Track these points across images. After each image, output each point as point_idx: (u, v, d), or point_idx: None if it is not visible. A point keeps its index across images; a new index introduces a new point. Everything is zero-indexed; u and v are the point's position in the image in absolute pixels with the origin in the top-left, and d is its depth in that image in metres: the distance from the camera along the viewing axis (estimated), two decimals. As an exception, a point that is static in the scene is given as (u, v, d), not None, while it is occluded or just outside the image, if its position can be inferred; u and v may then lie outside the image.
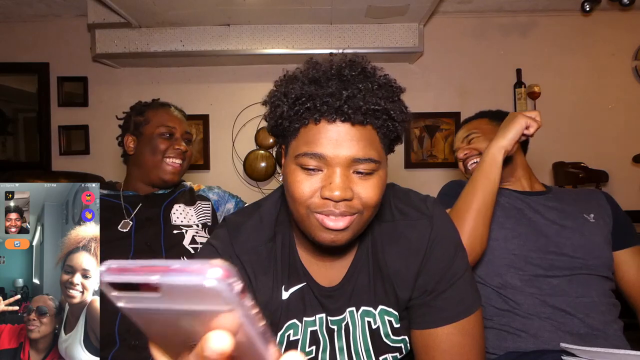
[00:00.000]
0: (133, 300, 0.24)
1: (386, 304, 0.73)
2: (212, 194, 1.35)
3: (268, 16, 2.21)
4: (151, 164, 1.24)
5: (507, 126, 1.06)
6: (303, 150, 0.61)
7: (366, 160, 0.60)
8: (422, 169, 2.60)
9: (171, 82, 2.58)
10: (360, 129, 0.61)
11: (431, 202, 0.75)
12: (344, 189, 0.59)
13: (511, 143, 1.03)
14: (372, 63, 0.67)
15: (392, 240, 0.72)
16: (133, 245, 1.14)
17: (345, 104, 0.58)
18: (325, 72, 0.62)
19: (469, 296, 0.71)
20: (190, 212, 1.26)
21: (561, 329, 1.00)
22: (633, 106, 2.54)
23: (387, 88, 0.64)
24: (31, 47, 2.56)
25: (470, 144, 1.27)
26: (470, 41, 2.59)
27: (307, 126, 0.62)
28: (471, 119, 1.35)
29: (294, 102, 0.61)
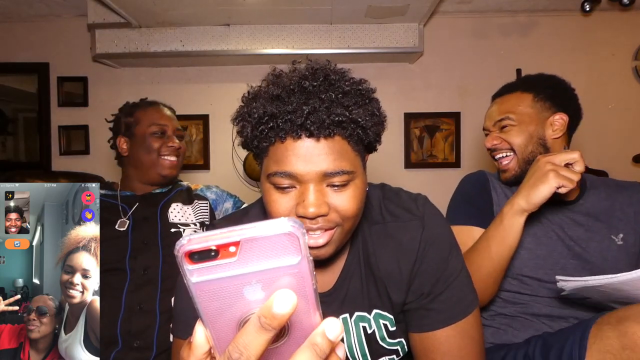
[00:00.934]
0: (208, 271, 0.26)
1: (380, 308, 0.72)
2: (209, 192, 1.35)
3: (268, 16, 2.21)
4: (148, 163, 1.25)
5: (533, 183, 0.88)
6: (273, 170, 0.60)
7: (337, 172, 0.59)
8: (422, 169, 2.60)
9: (171, 82, 2.58)
10: (328, 141, 0.59)
11: (422, 202, 0.74)
12: (317, 205, 0.58)
13: (536, 206, 0.88)
14: (338, 66, 0.64)
15: (383, 242, 0.71)
16: (130, 244, 1.14)
17: (307, 119, 0.56)
18: (286, 87, 0.60)
19: (467, 296, 0.70)
20: (188, 211, 1.26)
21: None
22: (633, 106, 2.54)
23: (353, 94, 0.61)
24: (31, 47, 2.55)
25: (502, 133, 1.08)
26: (470, 41, 2.59)
27: (275, 144, 0.60)
28: (511, 90, 1.11)
29: (258, 121, 0.60)
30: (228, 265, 0.26)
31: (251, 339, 0.26)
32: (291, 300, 0.25)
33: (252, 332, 0.26)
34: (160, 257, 1.14)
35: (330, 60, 0.65)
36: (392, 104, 2.59)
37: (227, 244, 0.26)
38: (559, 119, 1.06)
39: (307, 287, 0.27)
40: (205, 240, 0.26)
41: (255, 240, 0.26)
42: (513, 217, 0.90)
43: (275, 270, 0.26)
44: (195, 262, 0.26)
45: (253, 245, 0.26)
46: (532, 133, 1.06)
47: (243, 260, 0.26)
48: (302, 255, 0.26)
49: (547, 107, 1.07)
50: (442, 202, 1.22)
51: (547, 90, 1.08)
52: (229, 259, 0.26)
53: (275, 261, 0.26)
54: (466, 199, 1.13)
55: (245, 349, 0.26)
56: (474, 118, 2.59)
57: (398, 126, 2.60)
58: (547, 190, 0.86)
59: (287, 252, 0.26)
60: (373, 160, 2.84)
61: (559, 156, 0.89)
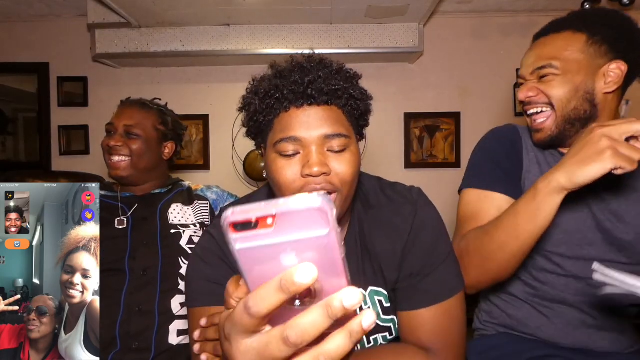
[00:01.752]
0: (249, 239, 0.29)
1: (375, 284, 0.77)
2: (210, 193, 1.34)
3: (268, 16, 2.21)
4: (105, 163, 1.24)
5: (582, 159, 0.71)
6: (279, 137, 0.67)
7: (336, 135, 0.67)
8: (422, 169, 2.60)
9: (171, 82, 2.58)
10: (327, 109, 0.68)
11: (416, 192, 0.80)
12: (321, 164, 0.65)
13: (580, 186, 0.72)
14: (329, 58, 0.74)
15: (378, 224, 0.77)
16: (129, 244, 1.13)
17: (308, 87, 0.66)
18: (287, 67, 0.71)
19: (452, 279, 0.75)
20: (188, 211, 1.25)
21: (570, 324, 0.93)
22: (633, 106, 2.54)
23: (343, 73, 0.71)
24: (31, 47, 2.56)
25: (541, 83, 0.89)
26: (470, 41, 2.59)
27: (280, 116, 0.69)
28: (559, 29, 0.92)
29: (264, 96, 0.69)
30: (266, 234, 0.29)
31: (267, 295, 0.29)
32: (312, 273, 0.28)
33: (270, 289, 0.29)
34: (159, 258, 1.13)
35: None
36: (392, 104, 2.59)
37: (264, 216, 0.29)
38: (616, 68, 0.86)
39: (336, 255, 0.30)
40: (246, 213, 0.29)
41: (289, 213, 0.29)
42: (549, 196, 0.74)
43: (307, 240, 0.29)
44: (238, 231, 0.29)
45: (287, 217, 0.29)
46: (579, 85, 0.86)
47: (279, 231, 0.29)
48: (330, 227, 0.29)
49: (602, 53, 0.86)
50: (442, 202, 1.21)
51: (607, 30, 0.87)
52: (267, 229, 0.29)
53: (307, 232, 0.29)
54: (492, 158, 0.95)
55: (261, 301, 0.30)
56: (474, 118, 2.59)
57: (398, 126, 2.60)
58: (598, 171, 0.70)
59: (318, 224, 0.29)
60: (373, 160, 2.85)
61: (620, 127, 0.71)
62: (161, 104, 1.35)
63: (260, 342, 0.31)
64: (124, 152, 1.20)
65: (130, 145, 1.21)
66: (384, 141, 2.59)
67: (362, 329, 0.30)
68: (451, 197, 2.51)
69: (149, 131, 1.24)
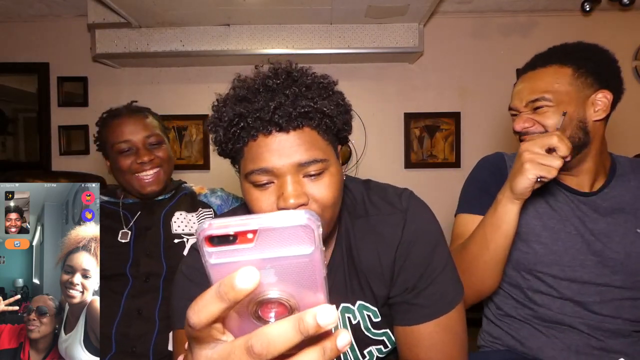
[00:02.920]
0: (226, 254, 0.28)
1: (363, 299, 0.73)
2: (214, 198, 1.29)
3: (268, 16, 2.21)
4: (125, 183, 1.17)
5: (513, 173, 0.82)
6: (250, 169, 0.62)
7: (311, 162, 0.61)
8: (422, 169, 2.60)
9: (171, 82, 2.58)
10: (298, 133, 0.62)
11: (406, 196, 0.74)
12: (296, 196, 0.60)
13: (523, 196, 0.82)
14: (299, 65, 0.67)
15: (365, 235, 0.72)
16: (132, 254, 1.11)
17: (274, 114, 0.59)
18: (250, 88, 0.63)
19: (450, 290, 0.70)
20: (192, 219, 1.19)
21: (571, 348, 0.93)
22: (633, 106, 2.54)
23: (316, 87, 0.64)
24: (31, 47, 2.55)
25: (536, 114, 0.93)
26: (470, 41, 2.59)
27: (248, 144, 0.63)
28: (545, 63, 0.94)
29: (229, 124, 0.63)
30: (245, 250, 0.28)
31: (206, 304, 0.28)
32: (253, 278, 0.26)
33: (208, 298, 0.27)
34: (164, 268, 1.11)
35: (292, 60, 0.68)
36: (392, 104, 2.59)
37: (245, 231, 0.27)
38: (603, 97, 0.93)
39: (318, 275, 0.29)
40: (225, 227, 0.27)
41: (272, 230, 0.27)
42: (506, 205, 0.84)
43: (289, 258, 0.28)
44: (214, 245, 0.28)
45: (270, 234, 0.27)
46: (572, 115, 0.91)
47: (259, 247, 0.28)
48: (315, 246, 0.28)
49: (589, 84, 0.92)
50: (442, 202, 1.21)
51: (590, 63, 0.92)
52: (246, 244, 0.28)
53: (290, 249, 0.28)
54: (481, 186, 1.03)
55: (199, 310, 0.28)
56: (474, 118, 2.59)
57: (398, 126, 2.60)
58: (525, 182, 0.80)
59: (302, 242, 0.28)
60: (373, 160, 2.85)
61: (539, 141, 0.80)
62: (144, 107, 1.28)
63: (222, 352, 0.29)
64: (155, 164, 1.16)
65: (159, 155, 1.17)
66: (384, 141, 2.59)
67: (337, 348, 0.28)
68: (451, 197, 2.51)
69: (161, 136, 1.20)
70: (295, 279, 0.29)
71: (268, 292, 0.29)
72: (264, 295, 0.29)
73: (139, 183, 1.14)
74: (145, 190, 1.15)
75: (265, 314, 0.30)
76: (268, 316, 0.30)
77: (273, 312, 0.30)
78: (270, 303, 0.30)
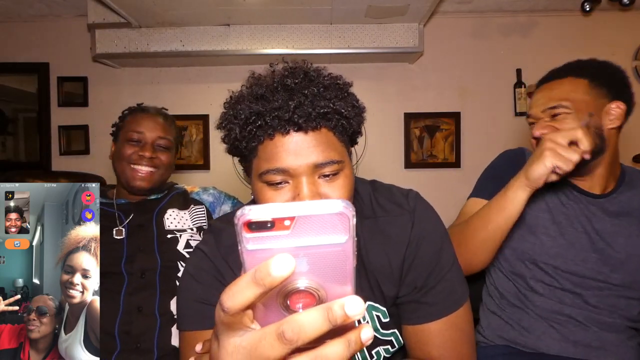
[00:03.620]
0: (262, 240, 0.28)
1: (373, 300, 0.73)
2: (206, 195, 1.31)
3: (268, 16, 2.21)
4: (119, 170, 1.20)
5: (532, 160, 0.86)
6: (265, 168, 0.62)
7: (328, 163, 0.61)
8: (422, 169, 2.60)
9: (171, 82, 2.58)
10: (316, 134, 0.62)
11: (413, 197, 0.75)
12: (313, 197, 0.60)
13: (536, 183, 0.86)
14: (314, 65, 0.67)
15: (373, 236, 0.72)
16: (125, 251, 1.12)
17: (294, 114, 0.59)
18: (269, 86, 0.63)
19: (458, 288, 0.71)
20: (185, 216, 1.22)
21: (569, 338, 0.96)
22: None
23: (333, 87, 0.64)
24: (31, 47, 2.55)
25: (555, 121, 0.96)
26: (470, 41, 2.59)
27: (264, 143, 0.62)
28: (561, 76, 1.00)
29: (245, 122, 0.62)
30: (281, 237, 0.28)
31: (241, 288, 0.28)
32: (290, 265, 0.27)
33: (243, 283, 0.28)
34: (158, 262, 1.12)
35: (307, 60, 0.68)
36: (392, 104, 2.59)
37: (283, 217, 0.28)
38: (616, 107, 0.98)
39: (348, 265, 0.29)
40: (263, 212, 0.28)
41: (309, 217, 0.28)
42: (516, 190, 0.88)
43: (323, 247, 0.28)
44: (252, 231, 0.28)
45: (307, 221, 0.28)
46: (589, 122, 0.96)
47: (295, 234, 0.28)
48: (349, 235, 0.28)
49: (604, 94, 0.97)
50: (442, 202, 1.21)
51: (603, 75, 0.98)
52: (283, 231, 0.28)
53: (325, 238, 0.28)
54: (496, 173, 1.08)
55: (234, 295, 0.28)
56: (474, 118, 2.59)
57: (398, 126, 2.60)
58: (541, 169, 0.83)
59: (336, 230, 0.28)
60: (373, 160, 2.85)
61: (563, 133, 0.84)
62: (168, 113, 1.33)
63: (252, 340, 0.29)
64: (154, 164, 1.19)
65: (161, 158, 1.20)
66: (384, 141, 2.59)
67: (361, 341, 0.29)
68: (451, 197, 2.51)
69: (172, 143, 1.25)
70: (326, 269, 0.29)
71: (298, 281, 0.30)
72: (293, 284, 0.30)
73: (131, 174, 1.17)
74: (134, 182, 1.17)
75: (293, 304, 0.31)
76: (296, 306, 0.31)
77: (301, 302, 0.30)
78: (299, 293, 0.30)
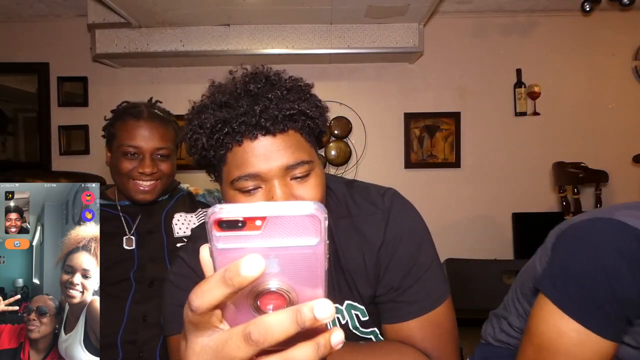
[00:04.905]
0: (233, 239, 0.28)
1: (351, 299, 0.73)
2: (212, 198, 1.28)
3: (268, 16, 2.21)
4: (119, 183, 1.14)
5: None
6: (236, 175, 0.61)
7: (299, 164, 0.62)
8: (422, 169, 2.60)
9: (171, 82, 2.58)
10: (284, 136, 0.62)
11: (390, 196, 0.74)
12: (286, 199, 0.60)
13: None
14: (272, 68, 0.68)
15: (349, 235, 0.72)
16: (137, 261, 1.10)
17: (261, 118, 0.59)
18: (232, 93, 0.63)
19: (437, 288, 0.70)
20: (192, 220, 1.19)
21: None
22: (633, 106, 2.54)
23: (295, 90, 0.65)
24: (31, 47, 2.56)
25: None
26: (470, 41, 2.59)
27: (232, 150, 0.62)
28: None
29: (211, 131, 0.61)
30: (252, 237, 0.28)
31: (210, 288, 0.28)
32: (259, 265, 0.26)
33: (212, 282, 0.28)
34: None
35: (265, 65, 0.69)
36: (392, 104, 2.59)
37: (254, 217, 0.28)
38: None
39: (320, 268, 0.29)
40: (235, 211, 0.28)
41: (281, 218, 0.28)
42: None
43: (294, 249, 0.28)
44: (222, 229, 0.28)
45: (278, 222, 0.28)
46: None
47: (266, 235, 0.28)
48: (320, 238, 0.28)
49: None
50: (442, 202, 1.21)
51: None
52: (254, 231, 0.28)
53: (295, 240, 0.28)
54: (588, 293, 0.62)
55: (202, 294, 0.28)
56: (474, 118, 2.59)
57: (398, 126, 2.60)
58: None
59: (308, 232, 0.28)
60: (373, 160, 2.86)
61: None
62: (168, 111, 1.25)
63: (219, 340, 0.29)
64: (155, 177, 1.12)
65: (161, 168, 1.12)
66: (384, 141, 2.59)
67: (330, 345, 0.28)
68: (451, 197, 2.51)
69: (172, 149, 1.17)
70: (297, 271, 0.29)
71: (269, 282, 0.29)
72: (264, 285, 0.30)
73: (134, 189, 1.11)
74: (137, 197, 1.12)
75: (264, 305, 0.30)
76: (266, 308, 0.30)
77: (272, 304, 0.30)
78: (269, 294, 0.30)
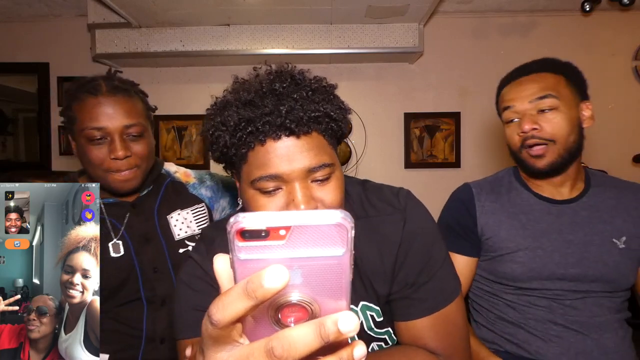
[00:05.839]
0: (255, 250, 0.27)
1: (367, 300, 0.73)
2: (204, 189, 1.15)
3: (268, 16, 2.21)
4: (94, 175, 0.99)
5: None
6: (257, 175, 0.61)
7: (321, 166, 0.61)
8: (422, 169, 2.60)
9: (171, 82, 2.58)
10: (307, 138, 0.61)
11: (404, 195, 0.75)
12: (307, 201, 0.60)
13: None
14: (297, 67, 0.67)
15: (366, 236, 0.72)
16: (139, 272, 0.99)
17: (286, 119, 0.58)
18: (257, 91, 0.62)
19: (449, 285, 0.71)
20: (188, 217, 1.09)
21: (571, 350, 0.95)
22: (633, 106, 2.54)
23: (320, 90, 0.64)
24: (31, 47, 2.55)
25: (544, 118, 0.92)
26: (470, 41, 2.59)
27: (254, 149, 0.61)
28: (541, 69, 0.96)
29: (235, 129, 0.61)
30: (275, 247, 0.27)
31: (231, 300, 0.26)
32: (283, 277, 0.25)
33: (234, 295, 0.26)
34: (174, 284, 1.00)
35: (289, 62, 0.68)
36: (392, 104, 2.59)
37: (278, 227, 0.26)
38: (586, 108, 0.98)
39: (344, 279, 0.28)
40: (259, 221, 0.26)
41: (306, 227, 0.26)
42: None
43: (318, 259, 0.27)
44: (245, 239, 0.27)
45: (302, 231, 0.26)
46: (573, 119, 0.93)
47: (290, 245, 0.27)
48: (346, 248, 0.27)
49: (576, 93, 0.96)
50: (442, 202, 1.21)
51: (574, 76, 0.98)
52: (278, 241, 0.26)
53: (320, 250, 0.27)
54: (447, 223, 1.07)
55: (224, 307, 0.26)
56: (474, 118, 2.59)
57: (398, 126, 2.60)
58: None
59: (334, 242, 0.27)
60: (373, 160, 2.85)
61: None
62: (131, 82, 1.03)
63: (239, 355, 0.27)
64: (132, 164, 0.95)
65: (135, 150, 0.95)
66: (384, 141, 2.59)
67: (353, 358, 0.28)
68: (451, 197, 2.49)
69: (145, 124, 0.98)
70: (320, 282, 0.28)
71: (290, 294, 0.28)
72: (286, 297, 0.28)
73: (114, 183, 0.96)
74: (116, 186, 0.97)
75: (285, 318, 0.29)
76: (287, 320, 0.29)
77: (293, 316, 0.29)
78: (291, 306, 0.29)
